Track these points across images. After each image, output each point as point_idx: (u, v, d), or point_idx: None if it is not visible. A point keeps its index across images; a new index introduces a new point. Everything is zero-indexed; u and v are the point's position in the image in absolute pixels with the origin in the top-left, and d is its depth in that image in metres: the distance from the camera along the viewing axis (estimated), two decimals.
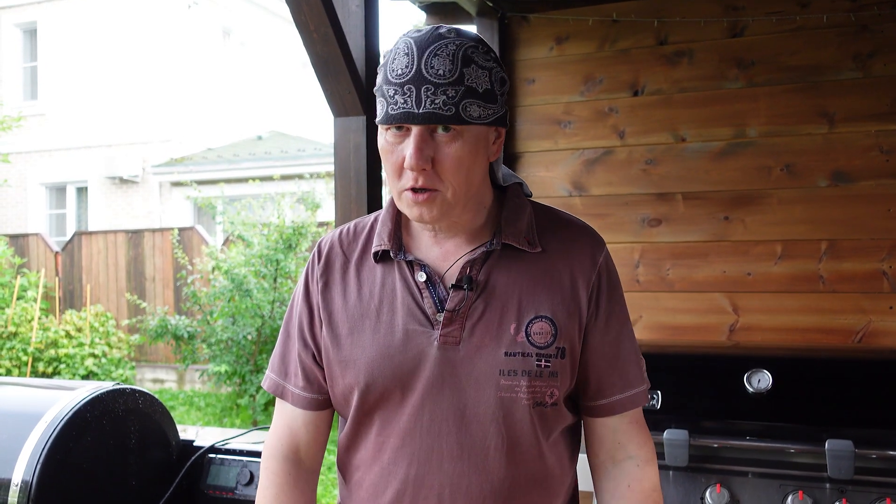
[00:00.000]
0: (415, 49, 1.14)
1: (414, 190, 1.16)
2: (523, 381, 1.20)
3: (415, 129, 1.14)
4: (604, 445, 1.31)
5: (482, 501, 1.21)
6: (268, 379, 1.37)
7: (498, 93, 1.19)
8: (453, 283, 1.22)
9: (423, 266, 1.24)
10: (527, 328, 1.21)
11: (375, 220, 1.34)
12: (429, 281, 1.24)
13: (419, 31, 1.18)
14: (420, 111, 1.13)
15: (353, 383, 1.24)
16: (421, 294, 1.24)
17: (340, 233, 1.36)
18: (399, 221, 1.31)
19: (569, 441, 1.31)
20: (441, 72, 1.13)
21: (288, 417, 1.34)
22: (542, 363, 1.21)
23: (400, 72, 1.14)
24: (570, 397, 1.29)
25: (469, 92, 1.14)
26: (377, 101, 1.19)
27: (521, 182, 1.34)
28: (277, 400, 1.36)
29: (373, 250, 1.28)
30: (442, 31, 1.17)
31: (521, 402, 1.20)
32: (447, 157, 1.15)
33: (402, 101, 1.14)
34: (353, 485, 1.29)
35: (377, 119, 1.20)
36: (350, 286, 1.29)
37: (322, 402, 1.33)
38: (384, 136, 1.19)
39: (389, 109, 1.15)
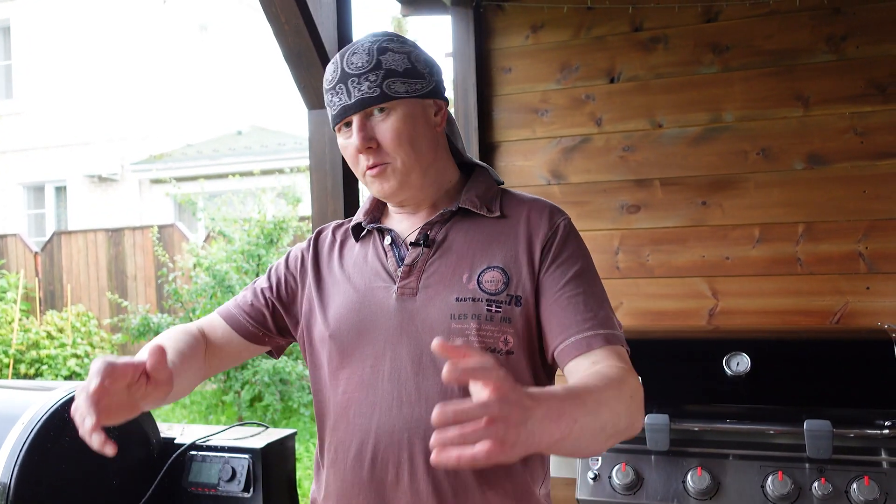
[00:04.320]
0: (338, 58, 1.33)
1: (369, 168, 1.32)
2: (472, 325, 1.25)
3: (355, 119, 1.30)
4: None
5: None
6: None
7: (422, 70, 1.32)
8: (412, 241, 1.35)
9: (390, 231, 1.40)
10: (478, 277, 1.29)
11: None
12: (393, 243, 1.38)
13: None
14: (352, 101, 1.29)
15: (326, 339, 1.35)
16: (386, 255, 1.37)
17: (334, 224, 1.53)
18: (378, 205, 1.47)
19: None
20: (359, 64, 1.29)
21: (213, 321, 1.47)
22: (493, 308, 1.26)
23: (330, 78, 1.33)
24: (537, 355, 1.29)
25: (389, 73, 1.29)
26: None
27: (486, 167, 1.45)
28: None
29: (351, 226, 1.45)
30: (359, 40, 1.33)
31: (473, 346, 1.22)
32: (386, 132, 1.30)
33: (338, 99, 1.31)
34: (325, 453, 1.37)
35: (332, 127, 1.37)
36: (334, 262, 1.43)
37: (246, 330, 1.45)
38: (340, 140, 1.35)
39: (331, 112, 1.33)
